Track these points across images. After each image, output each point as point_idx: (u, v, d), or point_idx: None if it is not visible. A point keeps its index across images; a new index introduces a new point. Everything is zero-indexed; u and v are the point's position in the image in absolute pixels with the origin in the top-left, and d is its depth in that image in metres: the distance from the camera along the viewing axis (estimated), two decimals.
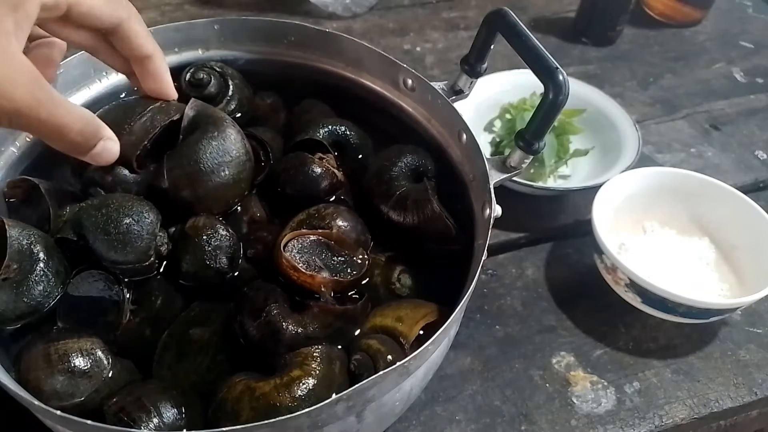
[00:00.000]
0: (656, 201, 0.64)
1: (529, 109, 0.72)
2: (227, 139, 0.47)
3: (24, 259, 0.41)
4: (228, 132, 0.47)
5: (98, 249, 0.43)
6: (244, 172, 0.48)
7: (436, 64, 0.90)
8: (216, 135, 0.46)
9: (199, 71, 0.54)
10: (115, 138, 0.41)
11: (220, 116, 0.48)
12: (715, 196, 0.63)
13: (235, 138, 0.47)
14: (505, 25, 0.47)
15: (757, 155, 0.80)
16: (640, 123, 0.80)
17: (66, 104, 0.37)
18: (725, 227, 0.63)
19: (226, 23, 0.58)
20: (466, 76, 0.54)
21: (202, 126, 0.47)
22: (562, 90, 0.43)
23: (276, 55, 0.59)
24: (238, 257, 0.46)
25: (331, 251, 0.46)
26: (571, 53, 0.94)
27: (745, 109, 0.87)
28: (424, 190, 0.49)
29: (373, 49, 0.56)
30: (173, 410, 0.39)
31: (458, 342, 0.56)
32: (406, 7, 1.00)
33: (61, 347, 0.40)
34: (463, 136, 0.51)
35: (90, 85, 0.53)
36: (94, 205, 0.44)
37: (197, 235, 0.45)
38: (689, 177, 0.64)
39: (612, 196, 0.62)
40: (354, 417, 0.38)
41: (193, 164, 0.46)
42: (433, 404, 0.52)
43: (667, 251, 0.62)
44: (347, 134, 0.54)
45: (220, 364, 0.43)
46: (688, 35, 1.01)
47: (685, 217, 0.65)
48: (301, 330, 0.42)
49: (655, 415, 0.53)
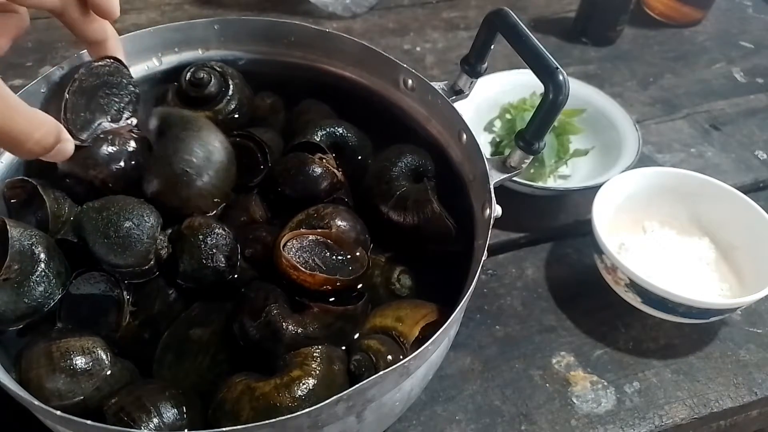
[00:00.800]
0: (656, 201, 0.64)
1: (529, 109, 0.72)
2: (195, 139, 0.47)
3: (25, 259, 0.41)
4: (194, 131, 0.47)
5: (98, 252, 0.43)
6: (222, 172, 0.48)
7: (436, 64, 0.90)
8: (181, 136, 0.47)
9: (199, 71, 0.54)
10: (70, 138, 0.40)
11: (185, 116, 0.49)
12: (715, 195, 0.63)
13: (206, 136, 0.48)
14: (505, 25, 0.47)
15: (757, 155, 0.80)
16: (640, 123, 0.80)
17: (27, 112, 0.35)
18: (725, 227, 0.63)
19: (226, 23, 0.58)
20: (466, 76, 0.54)
21: (170, 130, 0.48)
22: (562, 90, 0.43)
23: (276, 55, 0.59)
24: (235, 256, 0.46)
25: (331, 251, 0.46)
26: (571, 53, 0.94)
27: (745, 109, 0.87)
28: (424, 191, 0.49)
29: (373, 49, 0.56)
30: (173, 410, 0.39)
31: (458, 342, 0.56)
32: (406, 7, 1.00)
33: (63, 345, 0.40)
34: (463, 136, 0.51)
35: None
36: (95, 207, 0.44)
37: (193, 234, 0.45)
38: (689, 177, 0.64)
39: (612, 196, 0.62)
40: (354, 417, 0.38)
41: (165, 168, 0.46)
42: (433, 404, 0.52)
43: (667, 251, 0.62)
44: (345, 135, 0.54)
45: (220, 364, 0.43)
46: (688, 35, 1.01)
47: (685, 217, 0.65)
48: (301, 330, 0.42)
49: (655, 415, 0.53)
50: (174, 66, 0.57)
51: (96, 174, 0.46)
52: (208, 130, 0.48)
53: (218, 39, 0.58)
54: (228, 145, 0.49)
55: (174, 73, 0.56)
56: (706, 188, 0.63)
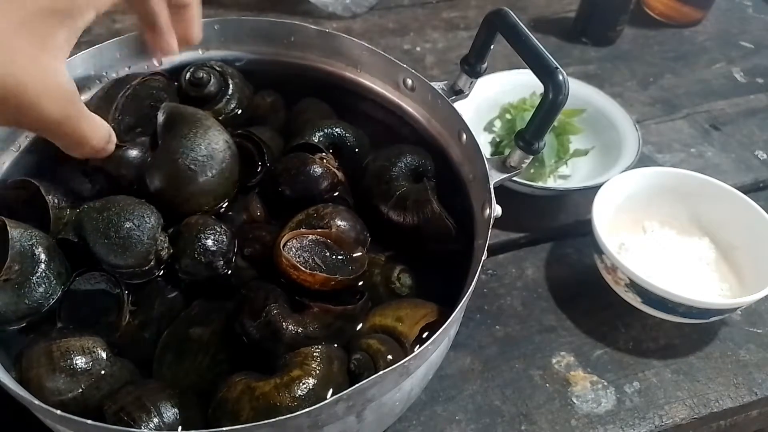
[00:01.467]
0: (656, 201, 0.64)
1: (529, 109, 0.72)
2: (201, 137, 0.47)
3: (26, 260, 0.41)
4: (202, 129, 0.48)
5: (98, 252, 0.43)
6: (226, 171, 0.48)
7: (435, 64, 0.90)
8: (187, 133, 0.47)
9: (199, 70, 0.55)
10: (116, 141, 0.42)
11: (192, 113, 0.49)
12: (715, 195, 0.63)
13: (212, 134, 0.48)
14: (505, 25, 0.47)
15: (757, 155, 0.80)
16: (640, 123, 0.80)
17: (91, 119, 0.39)
18: (725, 227, 0.63)
19: (226, 23, 0.58)
20: (466, 76, 0.54)
21: (175, 127, 0.48)
22: (562, 90, 0.43)
23: (276, 55, 0.59)
24: (231, 252, 0.46)
25: (330, 251, 0.46)
26: (571, 53, 0.94)
27: (745, 109, 0.87)
28: (424, 191, 0.49)
29: (373, 49, 0.56)
30: (173, 410, 0.39)
31: (458, 342, 0.56)
32: (405, 7, 1.00)
33: (63, 345, 0.40)
34: (463, 136, 0.51)
35: (90, 85, 0.53)
36: (96, 208, 0.44)
37: (189, 231, 0.45)
38: (689, 177, 0.64)
39: (612, 196, 0.62)
40: (354, 417, 0.38)
41: (170, 163, 0.46)
42: (433, 404, 0.52)
43: (667, 251, 0.62)
44: (343, 135, 0.54)
45: (220, 364, 0.43)
46: (688, 35, 1.01)
47: (685, 216, 0.65)
48: (301, 330, 0.42)
49: (655, 415, 0.53)
50: (174, 66, 0.57)
51: (125, 174, 0.49)
52: (215, 129, 0.48)
53: (218, 39, 0.58)
54: (233, 145, 0.49)
55: (174, 73, 0.56)
56: (706, 188, 0.63)
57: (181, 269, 0.45)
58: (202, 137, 0.47)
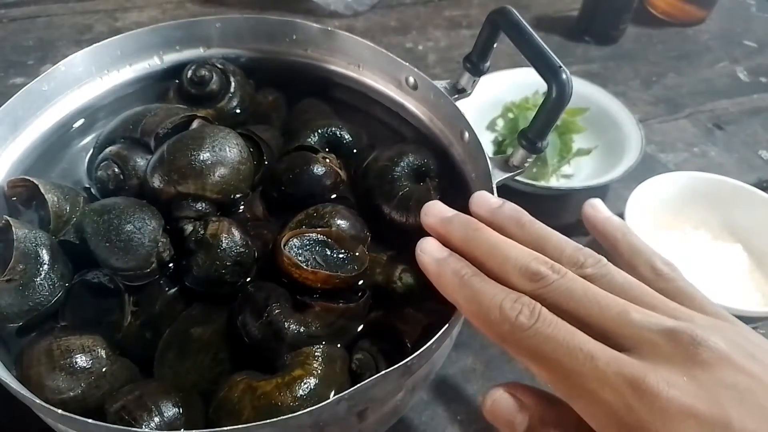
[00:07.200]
0: (688, 206, 0.63)
1: (532, 108, 0.72)
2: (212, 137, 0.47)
3: (30, 261, 0.41)
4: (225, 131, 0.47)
5: (99, 255, 0.43)
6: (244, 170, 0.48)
7: (438, 63, 0.90)
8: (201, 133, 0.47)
9: (200, 68, 0.54)
10: None
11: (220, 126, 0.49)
12: (748, 201, 0.62)
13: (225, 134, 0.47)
14: (508, 23, 0.47)
15: (760, 155, 0.80)
16: (643, 122, 0.79)
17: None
18: (758, 234, 0.62)
19: (228, 21, 0.58)
20: (469, 74, 0.53)
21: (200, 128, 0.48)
22: (565, 89, 0.43)
23: (277, 53, 0.59)
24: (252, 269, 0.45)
25: (331, 249, 0.46)
26: (574, 52, 0.94)
27: (748, 108, 0.87)
28: (427, 191, 0.49)
29: (375, 47, 0.56)
30: (174, 409, 0.39)
31: (460, 342, 0.56)
32: (408, 6, 1.00)
33: (64, 343, 0.39)
34: (466, 134, 0.50)
35: (91, 83, 0.53)
36: (96, 210, 0.44)
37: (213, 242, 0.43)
38: (722, 183, 0.63)
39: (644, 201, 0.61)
40: (355, 417, 0.38)
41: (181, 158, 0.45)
42: (434, 404, 0.52)
43: (699, 257, 0.61)
44: (341, 136, 0.54)
45: (221, 363, 0.43)
46: (691, 34, 1.01)
47: (717, 223, 0.64)
48: (303, 329, 0.42)
49: None
50: (175, 64, 0.57)
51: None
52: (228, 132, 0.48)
53: (220, 37, 0.58)
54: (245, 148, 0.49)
55: (175, 71, 0.56)
56: (739, 194, 0.62)
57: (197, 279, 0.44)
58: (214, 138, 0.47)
